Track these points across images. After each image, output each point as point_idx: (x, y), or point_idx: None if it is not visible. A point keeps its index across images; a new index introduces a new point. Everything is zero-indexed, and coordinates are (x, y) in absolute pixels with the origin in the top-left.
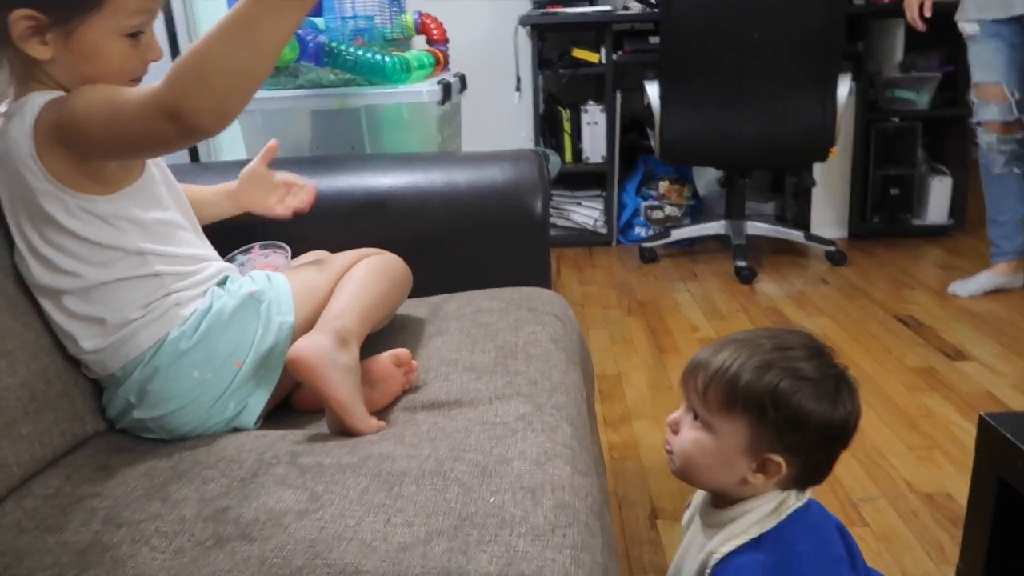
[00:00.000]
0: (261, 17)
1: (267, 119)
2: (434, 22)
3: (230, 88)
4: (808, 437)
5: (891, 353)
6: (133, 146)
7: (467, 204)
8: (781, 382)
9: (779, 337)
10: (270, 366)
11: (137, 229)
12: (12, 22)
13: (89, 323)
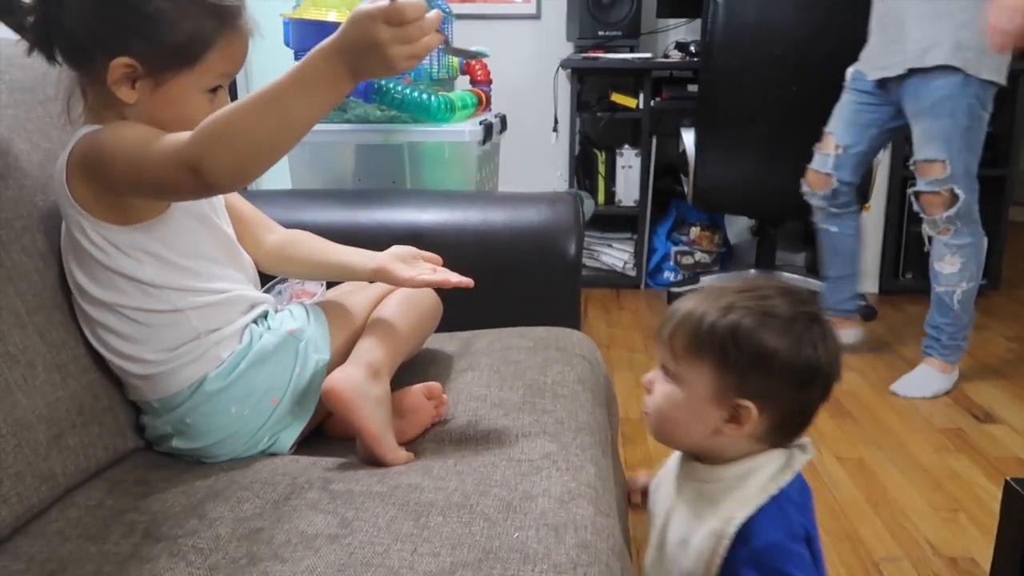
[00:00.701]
0: (293, 98)
1: (314, 151)
2: (479, 63)
3: (252, 155)
4: (774, 378)
5: (919, 412)
6: (152, 190)
7: (503, 243)
8: (743, 320)
9: (750, 281)
10: (305, 403)
11: (156, 263)
12: (112, 68)
13: (125, 357)
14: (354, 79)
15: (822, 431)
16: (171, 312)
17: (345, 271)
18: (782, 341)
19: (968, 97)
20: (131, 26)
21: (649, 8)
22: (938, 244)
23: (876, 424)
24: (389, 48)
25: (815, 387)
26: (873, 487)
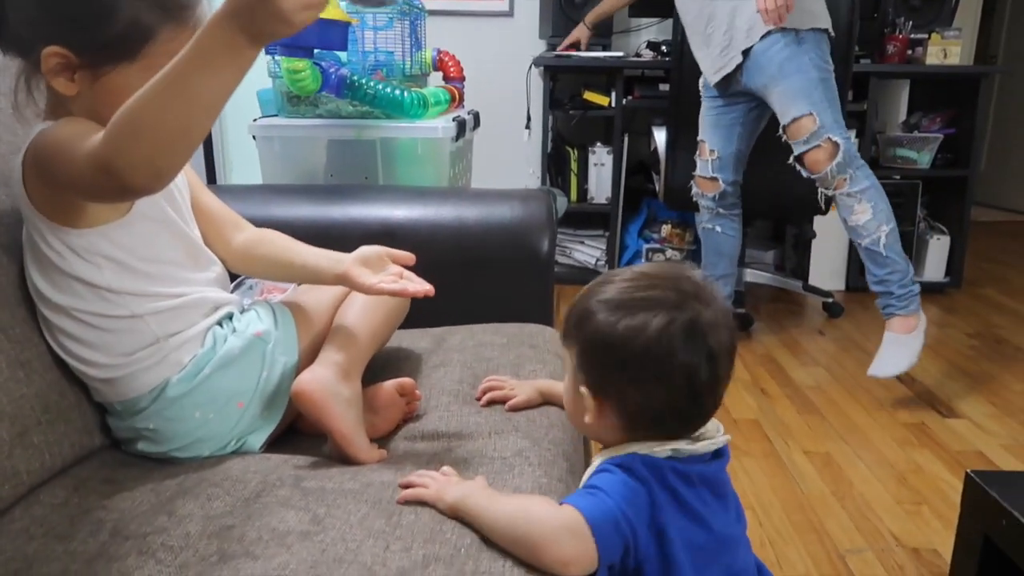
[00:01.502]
0: (194, 75)
1: (284, 145)
2: (452, 60)
3: (162, 146)
4: (601, 362)
5: (883, 407)
6: (81, 193)
7: (476, 240)
8: (596, 308)
9: (652, 267)
10: (274, 406)
11: (115, 267)
12: (44, 57)
13: (83, 361)
14: (254, 43)
15: (790, 427)
16: (129, 317)
17: (310, 274)
18: (605, 320)
19: (807, 52)
20: (67, 14)
21: None
22: (841, 199)
23: (843, 419)
24: (281, 0)
25: (663, 385)
26: (840, 481)
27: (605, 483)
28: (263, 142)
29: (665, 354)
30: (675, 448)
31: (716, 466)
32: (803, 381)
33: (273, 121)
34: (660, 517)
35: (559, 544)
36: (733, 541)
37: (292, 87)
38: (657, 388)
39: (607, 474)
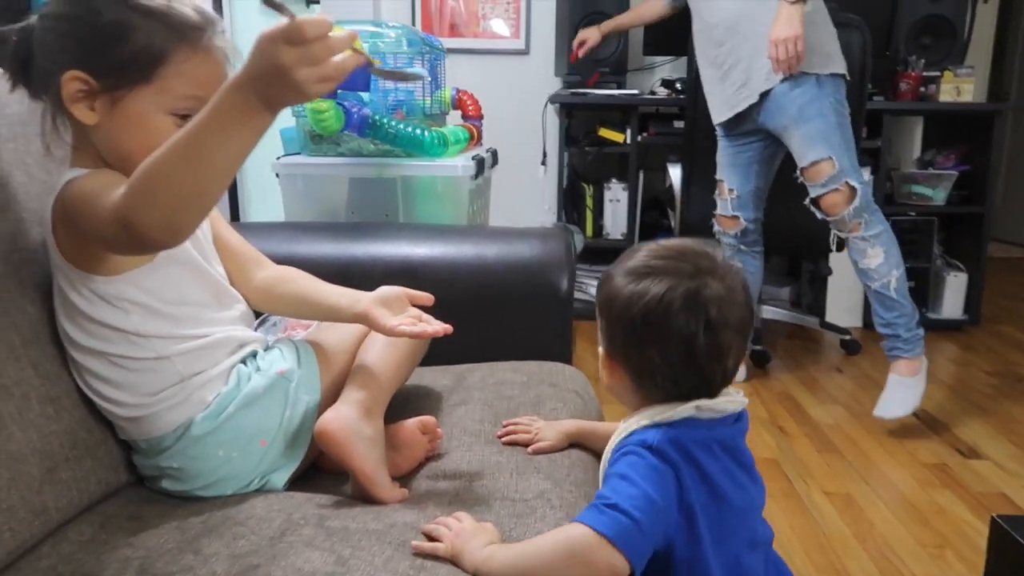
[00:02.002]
0: (210, 138)
1: (307, 183)
2: (470, 99)
3: (178, 204)
4: (615, 327)
5: (903, 446)
6: (102, 244)
7: (496, 277)
8: (614, 272)
9: (669, 242)
10: (296, 445)
11: (142, 312)
12: (64, 82)
13: (109, 401)
14: (269, 109)
15: (809, 466)
16: (155, 359)
17: (329, 312)
18: (622, 287)
19: (827, 96)
20: (84, 39)
21: (636, 46)
22: (854, 242)
23: (863, 459)
24: (295, 71)
25: (661, 349)
26: (860, 522)
27: (633, 470)
28: (286, 180)
29: (661, 320)
30: (698, 406)
31: (736, 430)
32: (822, 419)
33: (296, 159)
34: (688, 496)
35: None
36: (754, 511)
37: (316, 126)
38: (656, 352)
39: (634, 457)
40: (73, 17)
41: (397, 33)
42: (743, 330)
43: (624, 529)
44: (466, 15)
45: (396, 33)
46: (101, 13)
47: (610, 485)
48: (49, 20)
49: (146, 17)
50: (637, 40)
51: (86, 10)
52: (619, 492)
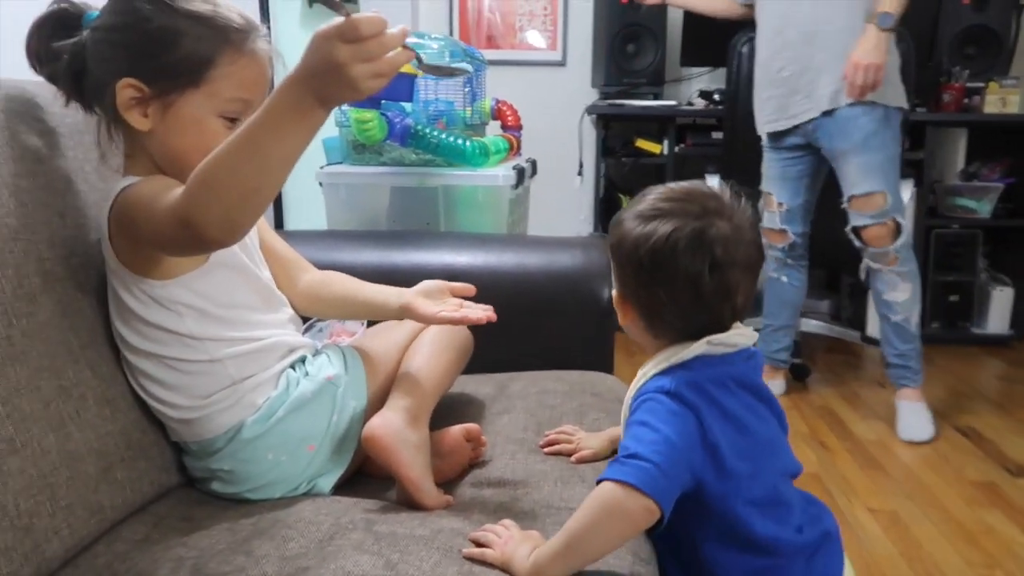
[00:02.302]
0: (266, 135)
1: (350, 192)
2: (510, 109)
3: (236, 202)
4: (624, 268)
5: (949, 464)
6: (162, 246)
7: (537, 286)
8: (624, 215)
9: (681, 184)
10: (343, 450)
11: (195, 315)
12: (119, 89)
13: (162, 403)
14: (323, 106)
15: (852, 482)
16: (208, 361)
17: (374, 309)
18: (630, 229)
19: (891, 128)
20: (135, 46)
21: (673, 56)
22: (887, 275)
23: (908, 476)
24: (350, 68)
25: (667, 288)
26: (907, 541)
27: (652, 415)
28: (329, 188)
29: (667, 260)
30: (709, 341)
31: (750, 367)
32: (864, 435)
33: (339, 168)
34: (710, 435)
35: (617, 530)
36: (780, 443)
37: (359, 136)
38: (663, 292)
39: (652, 403)
40: (124, 26)
41: (440, 44)
42: (751, 268)
43: (647, 474)
44: (503, 27)
45: (439, 44)
46: (151, 20)
47: (631, 433)
48: (101, 32)
49: (193, 22)
50: (674, 51)
51: (136, 19)
52: (640, 440)
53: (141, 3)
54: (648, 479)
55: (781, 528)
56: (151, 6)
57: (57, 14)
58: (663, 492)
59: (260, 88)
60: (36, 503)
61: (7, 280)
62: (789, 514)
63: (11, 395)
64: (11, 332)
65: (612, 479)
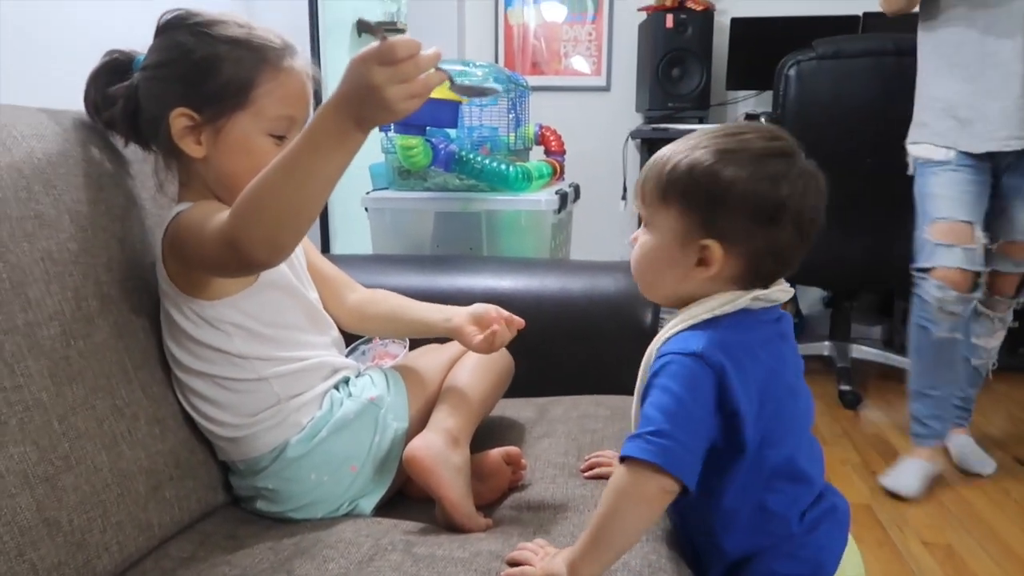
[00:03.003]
0: (306, 158)
1: (394, 217)
2: (553, 135)
3: (280, 224)
4: (733, 213)
5: (1009, 495)
6: (211, 268)
7: (580, 311)
8: (703, 156)
9: (729, 124)
10: (384, 471)
11: (243, 334)
12: (172, 119)
13: (211, 421)
14: (361, 128)
15: (905, 514)
16: (256, 380)
17: (424, 328)
18: (738, 174)
19: None
20: (182, 78)
21: (719, 80)
22: (993, 322)
23: (964, 508)
24: (386, 89)
25: (780, 224)
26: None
27: (674, 380)
28: (374, 213)
29: (779, 195)
30: (755, 296)
31: (776, 331)
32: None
33: (384, 194)
34: (731, 401)
35: (639, 514)
36: (807, 415)
37: (405, 162)
38: (775, 230)
39: (675, 367)
40: (170, 61)
41: (484, 71)
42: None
43: (670, 453)
44: (547, 53)
45: (483, 71)
46: (193, 51)
47: (653, 400)
48: (150, 70)
49: (232, 46)
50: (720, 74)
51: (180, 52)
52: (663, 409)
53: (182, 36)
54: (672, 458)
55: (787, 508)
56: (192, 38)
57: (109, 64)
58: (688, 468)
59: (302, 103)
60: (89, 519)
61: (67, 302)
62: (798, 494)
63: (67, 413)
64: (69, 352)
65: (634, 456)
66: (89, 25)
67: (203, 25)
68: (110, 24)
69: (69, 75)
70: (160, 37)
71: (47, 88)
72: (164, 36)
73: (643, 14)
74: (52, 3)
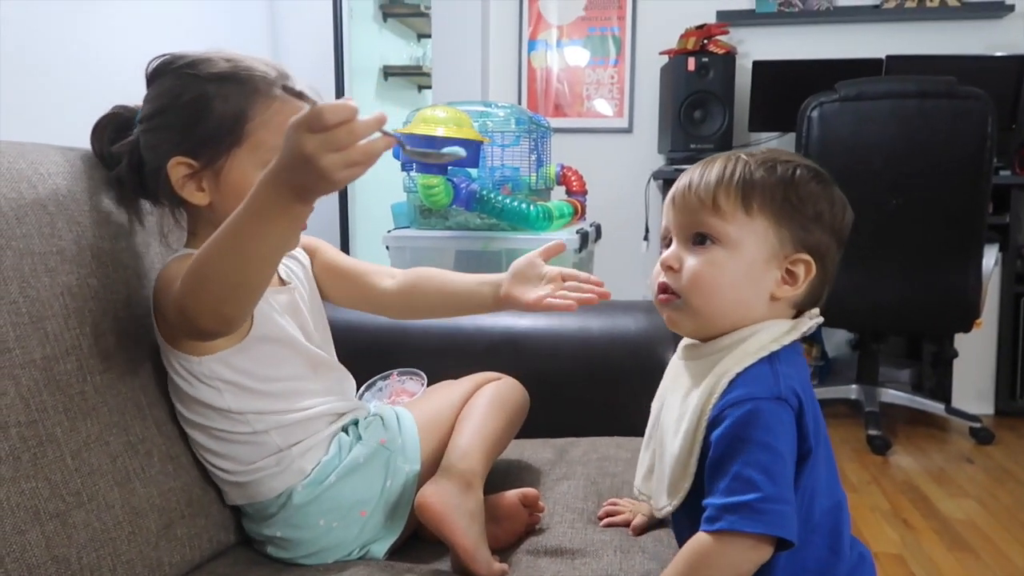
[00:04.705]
0: (247, 229)
1: (415, 255)
2: (575, 175)
3: (225, 294)
4: (825, 229)
5: None
6: (174, 329)
7: (599, 351)
8: (796, 171)
9: (759, 149)
10: (396, 516)
11: (234, 390)
12: (170, 169)
13: (214, 467)
14: (300, 199)
15: (939, 565)
16: (251, 433)
17: (475, 304)
18: (827, 194)
19: None
20: (175, 126)
21: (741, 122)
22: None
23: (1001, 560)
24: (320, 159)
25: (840, 248)
26: None
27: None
28: (395, 252)
29: (847, 218)
30: (810, 314)
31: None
32: (952, 514)
33: (405, 232)
34: (802, 445)
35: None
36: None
37: (426, 201)
38: (837, 256)
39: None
40: (162, 110)
41: (506, 112)
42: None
43: (784, 518)
44: (570, 96)
45: (505, 112)
46: (181, 95)
47: (750, 458)
48: (144, 123)
49: (219, 83)
50: (742, 116)
51: (169, 99)
52: (765, 469)
53: (169, 82)
54: (790, 524)
55: (828, 564)
56: (178, 81)
57: (111, 118)
58: (795, 528)
59: None
60: (98, 557)
61: (84, 337)
62: (840, 547)
63: (81, 448)
64: (85, 387)
65: (744, 531)
66: (112, 65)
67: (188, 66)
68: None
69: (98, 112)
70: (151, 87)
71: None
72: (154, 84)
73: (665, 58)
74: (77, 45)
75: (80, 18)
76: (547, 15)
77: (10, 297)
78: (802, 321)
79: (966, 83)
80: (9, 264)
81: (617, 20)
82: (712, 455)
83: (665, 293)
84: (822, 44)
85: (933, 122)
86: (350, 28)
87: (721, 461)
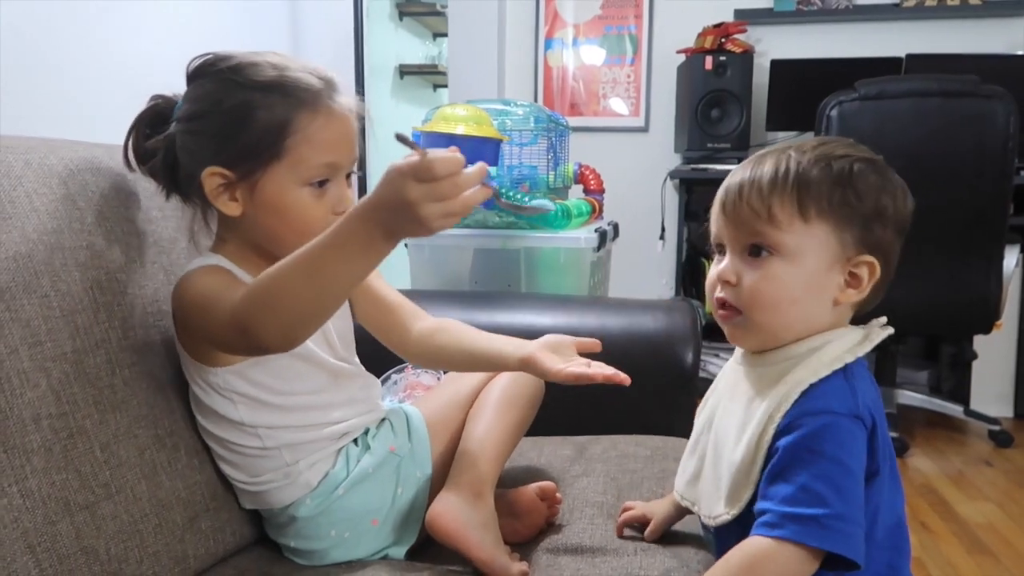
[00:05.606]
0: (330, 261)
1: (433, 253)
2: (592, 173)
3: (295, 319)
4: (888, 224)
5: None
6: (214, 343)
7: (619, 349)
8: (853, 166)
9: (800, 140)
10: (411, 520)
11: (249, 403)
12: (204, 179)
13: (226, 472)
14: (389, 239)
15: (959, 568)
16: (261, 448)
17: (494, 361)
18: (888, 184)
19: None
20: (214, 133)
21: (758, 121)
22: None
23: (1020, 562)
24: (421, 207)
25: (902, 240)
26: None
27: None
28: (414, 249)
29: (910, 210)
30: (884, 331)
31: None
32: (971, 517)
33: None
34: (872, 462)
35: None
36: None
37: None
38: (901, 242)
39: (843, 434)
40: (201, 114)
41: (525, 111)
42: None
43: (853, 539)
44: (586, 95)
45: (524, 111)
46: (223, 102)
47: (821, 471)
48: (183, 123)
49: (264, 92)
50: (760, 115)
51: (210, 103)
52: (836, 486)
53: (212, 85)
54: (858, 545)
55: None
56: (221, 86)
57: (152, 110)
58: (863, 549)
59: (346, 147)
60: (126, 548)
61: (114, 331)
62: (900, 559)
63: (110, 441)
64: (114, 380)
65: (815, 547)
66: (132, 62)
67: (233, 71)
68: (168, 57)
69: (121, 110)
70: (191, 85)
71: (93, 122)
72: (194, 84)
73: (682, 56)
74: (97, 43)
75: (100, 16)
76: (563, 14)
77: (41, 291)
78: (874, 331)
79: (988, 82)
80: (40, 259)
81: (634, 19)
82: (776, 462)
83: (724, 308)
84: (841, 43)
85: (955, 121)
86: (367, 27)
87: (786, 469)
